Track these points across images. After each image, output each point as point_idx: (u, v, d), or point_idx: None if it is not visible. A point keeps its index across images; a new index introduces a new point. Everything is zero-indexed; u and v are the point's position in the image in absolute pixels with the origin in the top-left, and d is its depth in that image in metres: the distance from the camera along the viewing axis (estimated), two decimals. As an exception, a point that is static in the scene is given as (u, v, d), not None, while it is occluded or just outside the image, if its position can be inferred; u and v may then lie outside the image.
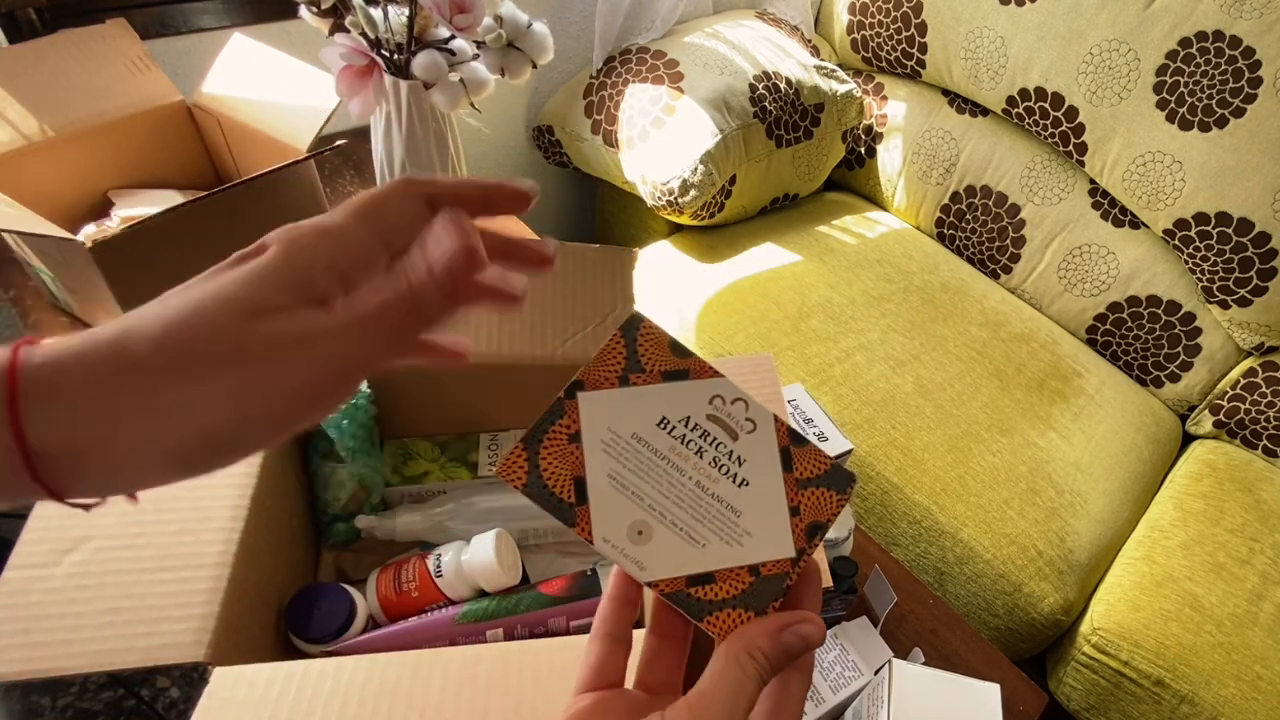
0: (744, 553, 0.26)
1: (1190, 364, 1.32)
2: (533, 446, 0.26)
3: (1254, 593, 1.03)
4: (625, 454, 0.26)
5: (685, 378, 0.27)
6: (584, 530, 0.25)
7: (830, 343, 1.19)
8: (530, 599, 0.55)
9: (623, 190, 1.38)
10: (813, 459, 0.27)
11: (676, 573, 0.25)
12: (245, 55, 0.83)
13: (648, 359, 0.27)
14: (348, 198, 1.02)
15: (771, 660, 0.24)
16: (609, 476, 0.26)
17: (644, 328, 0.28)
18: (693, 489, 0.26)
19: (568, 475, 0.26)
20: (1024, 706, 0.67)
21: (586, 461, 0.26)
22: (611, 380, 0.27)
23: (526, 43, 0.74)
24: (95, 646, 0.40)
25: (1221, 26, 1.14)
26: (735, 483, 0.27)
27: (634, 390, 0.27)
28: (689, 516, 0.26)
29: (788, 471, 0.27)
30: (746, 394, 0.28)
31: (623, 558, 0.25)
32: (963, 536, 1.02)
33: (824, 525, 0.27)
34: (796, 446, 0.27)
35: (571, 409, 0.26)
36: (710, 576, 0.26)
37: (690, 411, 0.27)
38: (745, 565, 0.26)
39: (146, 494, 0.24)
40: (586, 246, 0.63)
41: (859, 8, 1.49)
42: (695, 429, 0.27)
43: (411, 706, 0.38)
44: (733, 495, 0.27)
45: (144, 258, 0.66)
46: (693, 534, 0.26)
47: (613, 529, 0.25)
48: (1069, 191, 1.39)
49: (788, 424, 0.28)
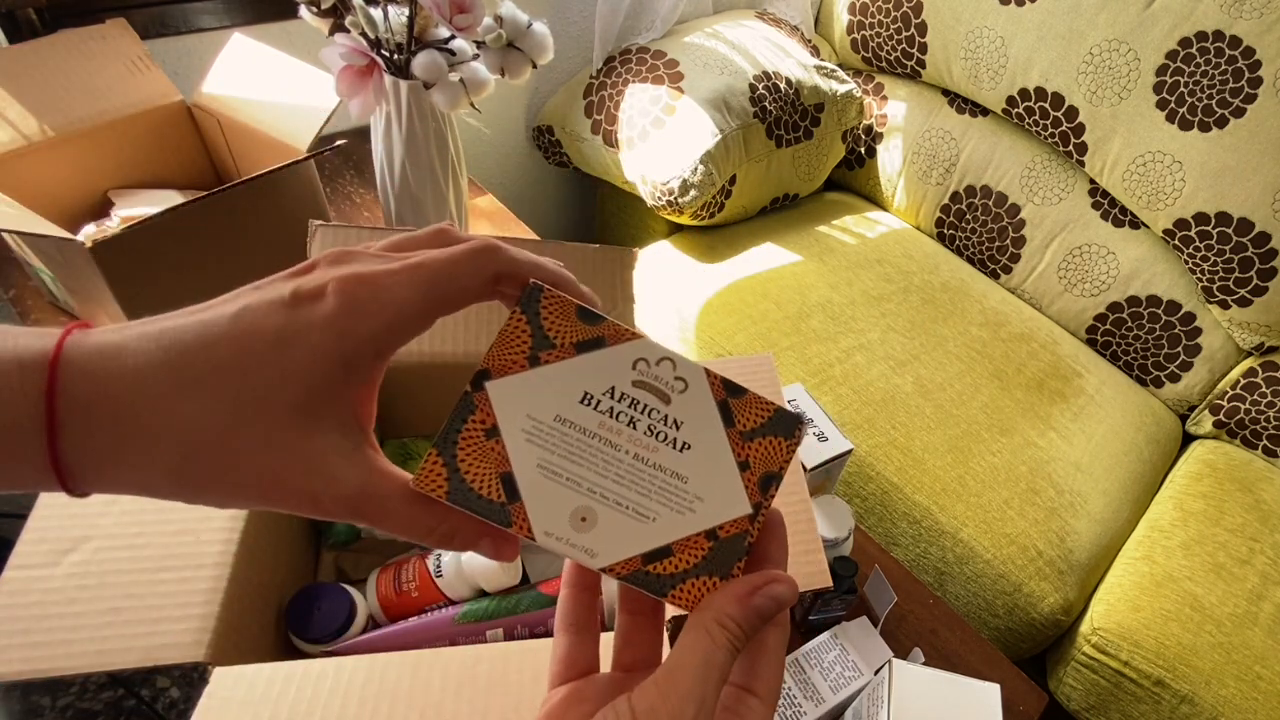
0: (697, 519, 0.25)
1: (1190, 364, 1.32)
2: (447, 450, 0.24)
3: (1254, 593, 1.03)
4: (551, 439, 0.24)
5: (602, 345, 0.25)
6: (522, 528, 0.24)
7: (830, 343, 1.19)
8: (530, 599, 0.55)
9: (623, 190, 1.38)
10: (754, 408, 0.26)
11: (630, 553, 0.24)
12: (245, 55, 0.83)
13: (556, 332, 0.25)
14: (350, 196, 1.02)
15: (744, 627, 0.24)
16: (539, 466, 0.24)
17: (545, 298, 0.25)
18: (631, 463, 0.25)
19: (493, 473, 0.24)
20: (1024, 706, 0.67)
21: (511, 455, 0.24)
22: (520, 363, 0.24)
23: (526, 43, 0.73)
24: (95, 646, 0.40)
25: (1221, 26, 1.14)
26: (676, 448, 0.25)
27: (547, 369, 0.25)
28: (633, 492, 0.25)
29: (729, 426, 0.25)
30: (671, 351, 0.25)
31: (570, 548, 0.24)
32: (963, 536, 1.02)
33: (777, 474, 0.26)
34: (734, 398, 0.26)
35: (482, 402, 0.24)
36: (667, 550, 0.24)
37: (614, 381, 0.25)
38: (701, 531, 0.25)
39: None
40: (586, 246, 0.63)
41: (859, 8, 1.49)
42: (623, 399, 0.25)
43: (411, 706, 0.38)
44: (675, 461, 0.25)
45: (144, 258, 0.66)
46: (640, 510, 0.25)
47: (553, 521, 0.24)
48: (1069, 191, 1.39)
49: (721, 375, 0.26)
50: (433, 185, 0.82)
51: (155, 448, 0.21)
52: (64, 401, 0.20)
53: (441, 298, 0.23)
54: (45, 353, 0.21)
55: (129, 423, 0.21)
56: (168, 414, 0.21)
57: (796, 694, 0.58)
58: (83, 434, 0.21)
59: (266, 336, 0.22)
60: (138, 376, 0.21)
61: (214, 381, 0.22)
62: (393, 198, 0.83)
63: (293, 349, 0.22)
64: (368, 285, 0.23)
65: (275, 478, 0.22)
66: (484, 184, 1.44)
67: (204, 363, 0.22)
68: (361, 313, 0.22)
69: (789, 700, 0.58)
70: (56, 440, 0.21)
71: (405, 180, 0.81)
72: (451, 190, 0.85)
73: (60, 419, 0.20)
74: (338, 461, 0.23)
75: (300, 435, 0.22)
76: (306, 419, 0.22)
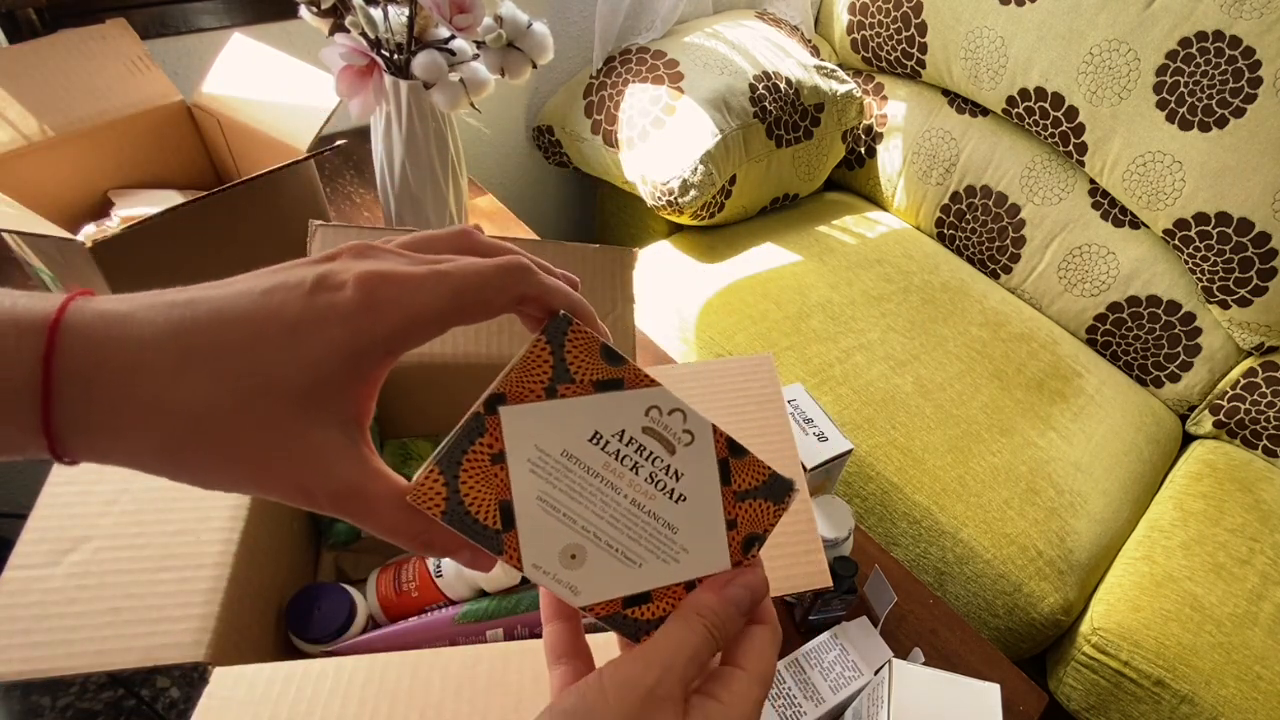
0: (680, 569, 0.25)
1: (1190, 364, 1.32)
2: (450, 469, 0.23)
3: (1254, 593, 1.03)
4: (555, 474, 0.24)
5: (620, 388, 0.25)
6: (513, 558, 0.24)
7: (830, 343, 1.19)
8: (530, 599, 0.55)
9: (623, 190, 1.38)
10: (751, 470, 0.26)
11: (612, 594, 0.25)
12: (245, 55, 0.83)
13: (577, 367, 0.25)
14: (350, 196, 1.02)
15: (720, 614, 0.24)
16: (538, 499, 0.24)
17: (572, 332, 0.25)
18: (628, 508, 0.25)
19: (492, 499, 0.24)
20: (1024, 706, 0.67)
21: (513, 484, 0.24)
22: (537, 392, 0.24)
23: (526, 43, 0.73)
24: (95, 646, 0.40)
25: (1221, 26, 1.14)
26: (672, 499, 0.25)
27: (563, 403, 0.24)
28: (625, 536, 0.25)
29: (726, 484, 0.26)
30: (684, 404, 0.26)
31: (555, 583, 0.24)
32: (963, 536, 1.02)
33: (761, 536, 0.26)
34: (735, 458, 0.26)
35: (493, 426, 0.24)
36: (647, 596, 0.25)
37: (625, 425, 0.25)
38: (682, 582, 0.25)
39: (146, 494, 0.24)
40: (586, 246, 0.63)
41: (859, 8, 1.49)
42: (630, 443, 0.25)
43: (411, 706, 0.38)
44: (669, 512, 0.25)
45: (144, 258, 0.66)
46: (628, 554, 0.25)
47: (544, 555, 0.24)
48: (1069, 191, 1.39)
49: (726, 434, 0.26)
50: (433, 185, 0.82)
51: (150, 421, 0.21)
52: (61, 366, 0.20)
53: (462, 309, 0.23)
54: (46, 316, 0.20)
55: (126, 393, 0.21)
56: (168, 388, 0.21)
57: (796, 694, 0.58)
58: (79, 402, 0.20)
59: (283, 322, 0.22)
60: (141, 347, 0.21)
61: (221, 360, 0.21)
62: (393, 198, 0.83)
63: (307, 338, 0.22)
64: (391, 285, 0.22)
65: (267, 464, 0.22)
66: (484, 184, 1.44)
67: (214, 340, 0.21)
68: (380, 311, 0.22)
69: (789, 700, 0.58)
70: (50, 406, 0.20)
71: (405, 180, 0.81)
72: (451, 190, 0.85)
73: (56, 384, 0.20)
74: (333, 456, 0.23)
75: (300, 425, 0.22)
76: (309, 409, 0.22)
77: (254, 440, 0.22)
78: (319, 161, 0.89)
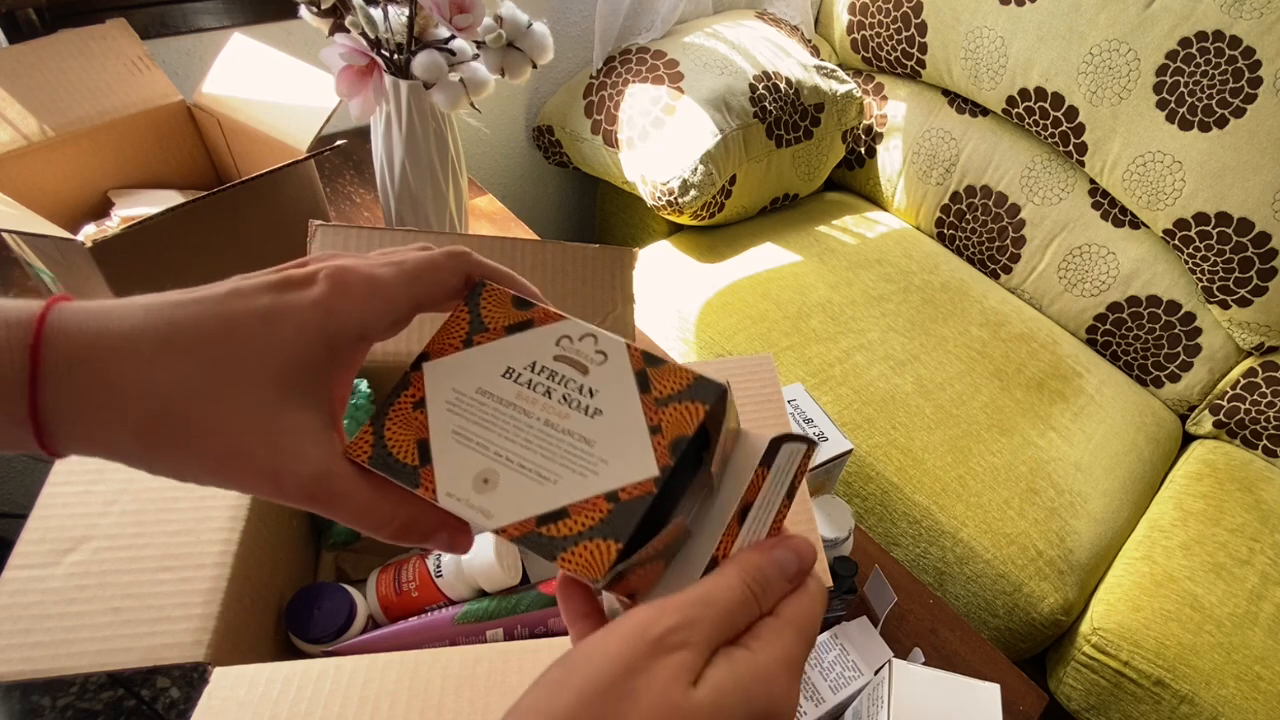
0: (599, 480, 0.25)
1: (1190, 364, 1.32)
2: (379, 422, 0.25)
3: (1254, 593, 1.03)
4: (469, 409, 0.26)
5: (530, 327, 0.27)
6: (428, 489, 0.24)
7: (830, 343, 1.19)
8: (530, 599, 0.55)
9: (623, 190, 1.38)
10: (673, 376, 0.26)
11: (525, 514, 0.24)
12: (245, 55, 0.83)
13: (490, 318, 0.27)
14: (350, 196, 1.03)
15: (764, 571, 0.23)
16: (453, 433, 0.25)
17: (486, 292, 0.27)
18: (541, 428, 0.25)
19: (411, 440, 0.25)
20: (1024, 706, 0.67)
21: (431, 423, 0.25)
22: (455, 345, 0.27)
23: (526, 43, 0.73)
24: (95, 646, 0.40)
25: (1221, 26, 1.14)
26: (587, 414, 0.25)
27: (478, 349, 0.27)
28: (538, 455, 0.25)
29: (645, 393, 0.26)
30: (596, 329, 0.27)
31: (468, 509, 0.24)
32: (963, 536, 1.02)
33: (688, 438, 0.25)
34: (652, 367, 0.26)
35: (417, 379, 0.26)
36: (563, 512, 0.24)
37: (536, 357, 0.26)
38: (602, 493, 0.24)
39: (146, 494, 0.25)
40: (586, 246, 0.63)
41: (859, 8, 1.49)
42: (542, 371, 0.26)
43: (411, 706, 0.38)
44: (585, 427, 0.25)
45: (144, 258, 0.66)
46: (542, 472, 0.25)
47: (457, 483, 0.25)
48: (1069, 191, 1.39)
49: (643, 349, 0.26)
50: (433, 185, 0.82)
51: (127, 407, 0.22)
52: (47, 354, 0.21)
53: (424, 293, 0.26)
54: (33, 312, 0.21)
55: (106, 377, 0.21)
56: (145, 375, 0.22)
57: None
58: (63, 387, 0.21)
59: (255, 313, 0.23)
60: (122, 338, 0.22)
61: (197, 349, 0.22)
62: (393, 198, 0.83)
63: (280, 324, 0.23)
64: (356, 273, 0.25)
65: (241, 449, 0.23)
66: (484, 184, 1.44)
67: (190, 332, 0.22)
68: (349, 295, 0.24)
69: (789, 700, 0.58)
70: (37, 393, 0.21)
71: (405, 180, 0.81)
72: (451, 190, 0.85)
73: (43, 371, 0.21)
74: (305, 441, 0.23)
75: (274, 408, 0.23)
76: (283, 393, 0.23)
77: (229, 423, 0.23)
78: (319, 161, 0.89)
